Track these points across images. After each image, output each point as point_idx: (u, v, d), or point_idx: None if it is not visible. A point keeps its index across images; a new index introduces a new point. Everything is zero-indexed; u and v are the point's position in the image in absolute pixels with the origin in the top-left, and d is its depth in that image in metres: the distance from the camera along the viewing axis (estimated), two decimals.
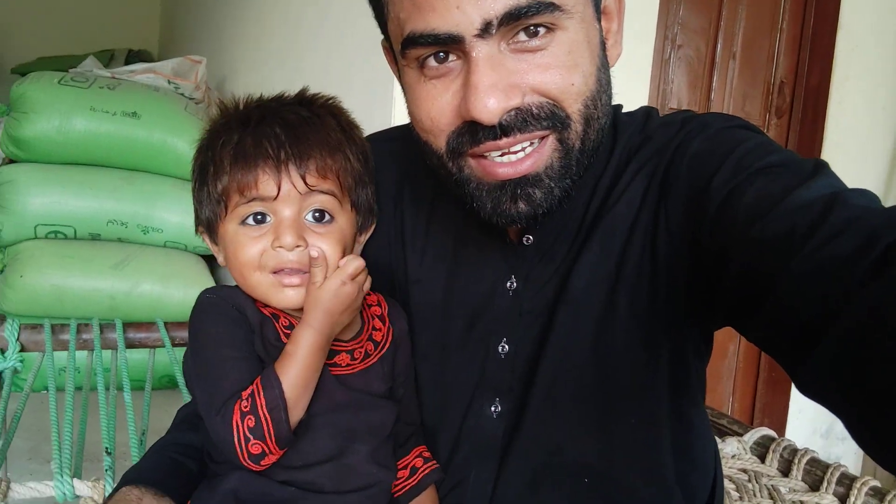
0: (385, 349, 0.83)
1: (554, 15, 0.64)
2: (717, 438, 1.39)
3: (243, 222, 0.75)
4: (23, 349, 1.46)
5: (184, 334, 1.57)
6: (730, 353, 2.54)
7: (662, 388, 0.78)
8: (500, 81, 0.65)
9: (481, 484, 0.80)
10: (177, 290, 2.88)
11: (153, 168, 2.98)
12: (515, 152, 0.69)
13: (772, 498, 1.22)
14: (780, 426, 2.51)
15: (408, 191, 0.88)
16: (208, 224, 0.79)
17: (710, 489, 0.85)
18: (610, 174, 0.78)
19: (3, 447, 1.16)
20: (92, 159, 2.90)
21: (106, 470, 1.09)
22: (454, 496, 0.82)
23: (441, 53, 0.67)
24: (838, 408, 0.54)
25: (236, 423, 0.69)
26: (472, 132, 0.68)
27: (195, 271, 3.00)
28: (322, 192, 0.75)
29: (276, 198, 0.74)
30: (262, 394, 0.70)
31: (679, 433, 0.80)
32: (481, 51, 0.64)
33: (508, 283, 0.81)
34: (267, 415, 0.69)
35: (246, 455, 0.70)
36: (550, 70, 0.66)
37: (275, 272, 0.75)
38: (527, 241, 0.79)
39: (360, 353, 0.81)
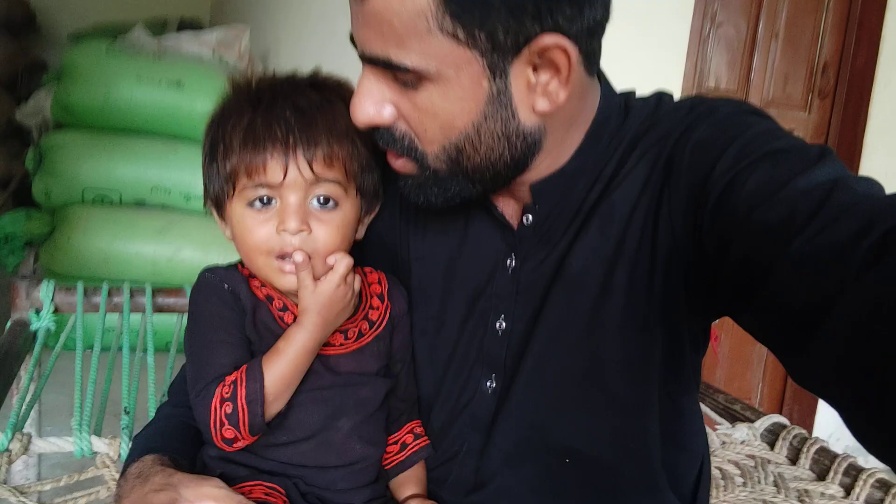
0: (381, 328, 0.84)
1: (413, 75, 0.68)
2: (727, 424, 1.39)
3: (250, 204, 0.77)
4: (57, 310, 1.52)
5: None
6: None
7: (654, 374, 0.79)
8: (375, 98, 0.71)
9: (469, 458, 0.82)
10: (216, 256, 2.96)
11: (196, 136, 3.04)
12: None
13: (776, 485, 1.21)
14: (810, 414, 2.48)
15: None
16: (216, 200, 0.81)
17: (697, 476, 0.86)
18: (615, 160, 0.78)
19: (30, 403, 1.22)
20: (137, 127, 2.98)
21: (123, 429, 1.14)
22: (444, 469, 0.84)
23: None
24: (834, 399, 0.54)
25: (215, 406, 0.73)
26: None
27: None
28: (328, 180, 0.76)
29: (282, 183, 0.75)
30: (244, 384, 0.72)
31: (668, 420, 0.80)
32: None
33: (508, 262, 0.82)
34: (245, 405, 0.72)
35: (219, 437, 0.74)
36: (413, 109, 0.70)
37: (279, 256, 0.76)
38: (526, 220, 0.80)
39: (354, 332, 0.82)
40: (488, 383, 0.82)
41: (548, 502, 0.79)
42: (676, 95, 0.82)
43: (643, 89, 0.85)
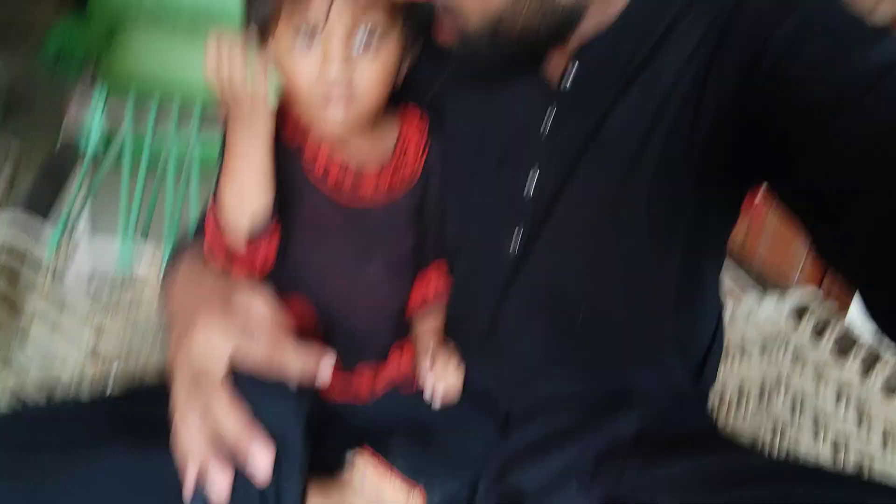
0: (415, 181, 0.84)
1: None
2: (757, 294, 1.39)
3: (294, 39, 0.74)
4: (108, 123, 1.55)
5: None
6: None
7: (677, 244, 0.78)
8: None
9: (486, 309, 0.84)
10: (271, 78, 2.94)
11: None
12: None
13: (795, 360, 1.22)
14: (848, 294, 2.44)
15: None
16: (260, 30, 0.77)
17: (707, 349, 0.87)
18: (667, 21, 0.74)
19: (78, 213, 1.28)
20: None
21: (166, 245, 1.19)
22: (461, 318, 0.87)
23: None
24: (857, 278, 0.55)
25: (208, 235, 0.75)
26: None
27: None
28: (371, 17, 0.73)
29: (325, 18, 0.71)
30: (213, 206, 0.74)
31: (684, 292, 0.81)
32: None
33: (545, 121, 0.80)
34: (215, 220, 0.74)
35: (216, 259, 0.76)
36: None
37: (322, 96, 0.74)
38: (567, 80, 0.78)
39: (386, 183, 0.82)
40: (513, 240, 0.82)
41: (557, 351, 0.81)
42: None
43: None
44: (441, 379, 0.79)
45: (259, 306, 0.68)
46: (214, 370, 0.64)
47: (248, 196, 0.73)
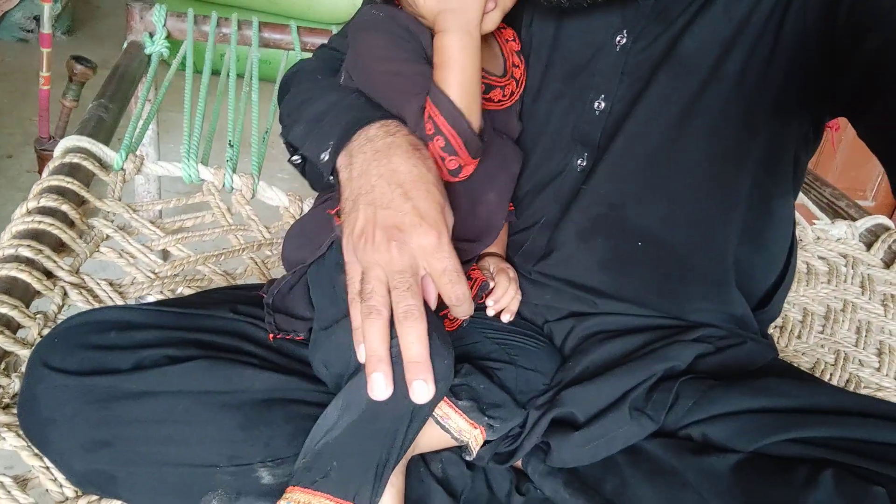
0: (522, 88, 0.84)
1: None
2: (828, 220, 1.34)
3: None
4: (169, 35, 1.55)
5: (315, 40, 1.61)
6: None
7: (748, 170, 0.76)
8: None
9: (546, 228, 0.83)
10: None
11: None
12: None
13: (862, 286, 1.19)
14: None
15: None
16: None
17: (776, 280, 0.85)
18: None
19: (144, 125, 1.30)
20: None
21: (227, 160, 1.20)
22: (521, 236, 0.86)
23: None
24: None
25: (434, 142, 0.71)
26: None
27: None
28: None
29: None
30: (437, 112, 0.70)
31: (753, 219, 0.78)
32: None
33: (618, 38, 0.78)
34: (451, 129, 0.70)
35: (446, 171, 0.72)
36: None
37: None
38: None
39: (509, 90, 0.82)
40: (578, 160, 0.81)
41: (613, 278, 0.80)
42: None
43: None
44: (500, 304, 0.79)
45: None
46: None
47: (475, 90, 0.72)
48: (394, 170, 0.67)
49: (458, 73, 0.70)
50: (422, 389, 0.60)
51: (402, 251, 0.63)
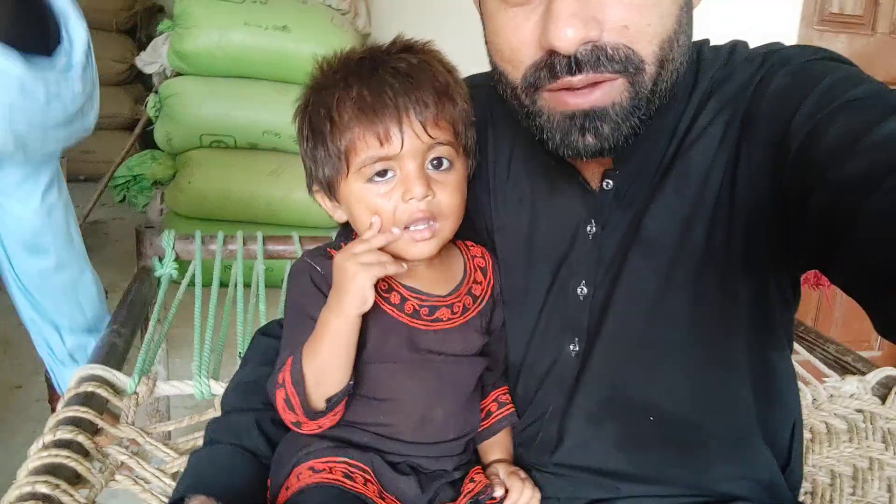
0: (483, 303, 0.85)
1: None
2: (836, 377, 1.34)
3: (369, 179, 0.75)
4: (177, 258, 1.63)
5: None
6: None
7: (738, 332, 0.78)
8: (580, 11, 0.64)
9: (553, 418, 0.84)
10: None
11: (303, 80, 3.10)
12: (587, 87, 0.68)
13: (885, 441, 1.17)
14: None
15: (490, 138, 0.89)
16: (327, 183, 0.80)
17: (790, 433, 0.84)
18: (690, 115, 0.77)
19: (155, 346, 1.33)
20: (248, 72, 3.07)
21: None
22: (531, 432, 0.86)
23: None
24: None
25: (276, 393, 0.76)
26: (551, 67, 0.67)
27: None
28: (441, 141, 0.76)
29: (400, 151, 0.73)
30: (288, 371, 0.75)
31: (759, 377, 0.79)
32: None
33: (588, 228, 0.82)
34: (292, 390, 0.75)
35: (286, 420, 0.77)
36: (630, 7, 0.65)
37: (406, 227, 0.76)
38: (606, 185, 0.80)
39: (459, 307, 0.83)
40: (571, 347, 0.83)
41: (632, 458, 0.80)
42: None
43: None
44: None
45: None
46: None
47: (337, 364, 0.75)
48: None
49: (320, 347, 0.74)
50: None
51: None
